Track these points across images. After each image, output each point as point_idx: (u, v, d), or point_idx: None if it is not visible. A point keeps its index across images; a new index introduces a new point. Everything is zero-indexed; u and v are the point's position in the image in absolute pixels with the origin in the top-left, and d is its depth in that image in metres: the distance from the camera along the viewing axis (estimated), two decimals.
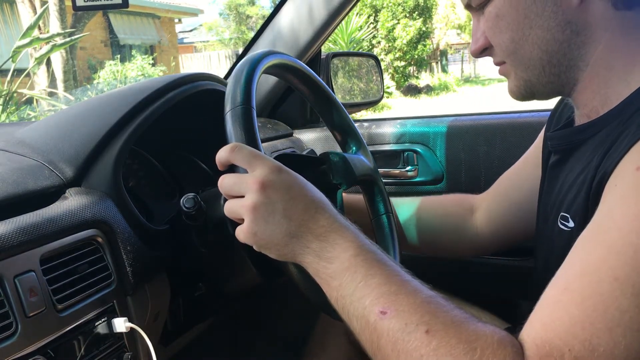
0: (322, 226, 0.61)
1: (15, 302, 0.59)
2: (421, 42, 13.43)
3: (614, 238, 0.50)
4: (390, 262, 0.60)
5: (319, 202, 0.63)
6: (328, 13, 1.31)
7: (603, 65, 0.64)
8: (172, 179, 1.03)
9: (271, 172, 0.61)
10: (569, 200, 0.66)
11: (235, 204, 0.63)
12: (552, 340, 0.49)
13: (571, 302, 0.50)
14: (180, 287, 0.87)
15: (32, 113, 4.52)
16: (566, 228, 0.66)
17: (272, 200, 0.61)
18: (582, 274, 0.51)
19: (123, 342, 0.73)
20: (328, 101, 0.93)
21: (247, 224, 0.61)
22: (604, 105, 0.64)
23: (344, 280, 0.58)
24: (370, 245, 0.61)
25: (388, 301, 0.55)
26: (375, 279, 0.57)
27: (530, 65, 0.66)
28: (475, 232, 0.99)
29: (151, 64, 10.56)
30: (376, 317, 0.55)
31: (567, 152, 0.71)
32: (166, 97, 0.88)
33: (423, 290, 0.56)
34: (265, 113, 1.50)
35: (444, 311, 0.54)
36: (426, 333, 0.52)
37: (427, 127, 1.33)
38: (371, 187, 0.95)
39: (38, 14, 4.74)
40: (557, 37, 0.63)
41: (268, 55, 0.77)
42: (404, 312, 0.54)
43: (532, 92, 0.69)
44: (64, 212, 0.69)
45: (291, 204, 0.61)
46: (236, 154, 0.63)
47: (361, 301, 0.56)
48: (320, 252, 0.60)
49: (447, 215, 1.02)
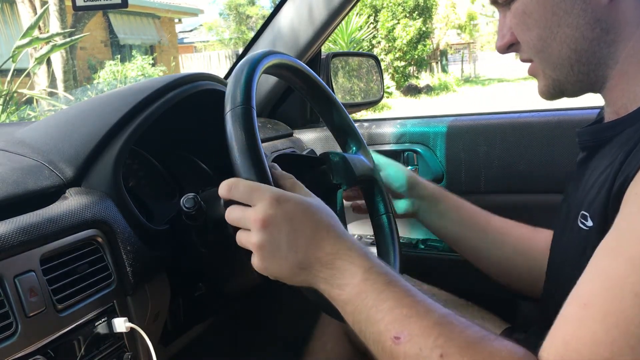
0: (329, 253, 0.61)
1: (15, 302, 0.59)
2: (421, 42, 13.43)
3: (634, 252, 0.49)
4: (401, 282, 0.59)
5: (324, 226, 0.62)
6: (328, 13, 1.31)
7: (633, 62, 0.63)
8: (172, 179, 1.02)
9: (271, 206, 0.61)
10: (590, 198, 0.65)
11: (244, 239, 0.64)
12: (573, 358, 0.48)
13: (593, 319, 0.49)
14: (180, 287, 0.87)
15: (32, 113, 4.52)
16: (585, 227, 0.65)
17: (275, 237, 0.61)
18: (603, 289, 0.50)
19: (123, 342, 0.73)
20: (328, 101, 0.92)
21: (257, 260, 0.62)
22: (632, 103, 0.64)
23: (357, 305, 0.58)
24: (379, 266, 0.60)
25: (401, 326, 0.55)
26: (387, 303, 0.56)
27: (558, 63, 0.65)
28: None
29: (151, 64, 10.55)
30: (391, 343, 0.55)
31: (594, 149, 0.70)
32: (166, 97, 0.88)
33: (436, 309, 0.56)
34: (265, 113, 1.50)
35: (458, 332, 0.53)
36: (441, 357, 0.51)
37: (427, 127, 1.33)
38: (371, 187, 0.94)
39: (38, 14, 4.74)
40: (586, 35, 0.63)
41: (268, 55, 0.77)
42: (417, 337, 0.53)
43: (562, 90, 0.69)
44: (64, 212, 0.69)
45: (295, 236, 0.61)
46: (234, 192, 0.63)
47: (375, 327, 0.56)
48: (331, 280, 0.60)
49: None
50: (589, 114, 1.16)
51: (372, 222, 0.94)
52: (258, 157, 0.65)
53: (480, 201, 1.30)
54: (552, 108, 1.29)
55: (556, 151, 1.18)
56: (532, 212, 1.01)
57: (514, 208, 1.26)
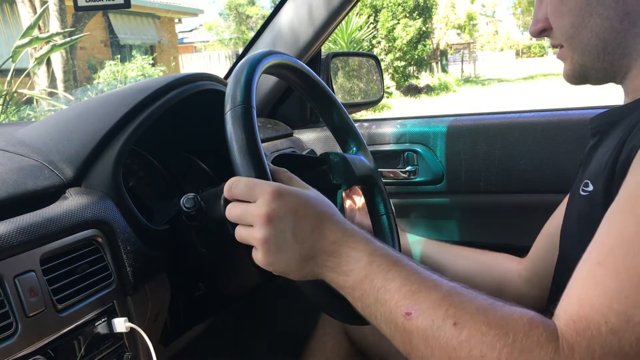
0: (333, 242, 0.61)
1: (15, 302, 0.59)
2: (421, 42, 13.43)
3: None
4: (406, 261, 0.60)
5: (325, 216, 0.63)
6: (328, 13, 1.31)
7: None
8: (172, 179, 1.02)
9: (273, 200, 0.61)
10: (593, 170, 0.68)
11: (246, 235, 0.63)
12: (589, 315, 0.49)
13: (606, 276, 0.50)
14: (180, 287, 0.87)
15: (32, 113, 4.52)
16: (585, 193, 0.68)
17: (280, 230, 0.61)
18: (615, 247, 0.51)
19: (123, 342, 0.73)
20: (328, 101, 0.92)
21: (262, 256, 0.62)
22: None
23: (365, 289, 0.59)
24: (383, 248, 0.61)
25: (411, 302, 0.55)
26: (394, 282, 0.57)
27: (586, 51, 0.68)
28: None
29: (151, 64, 10.55)
30: (403, 319, 0.55)
31: (604, 133, 0.72)
32: (166, 97, 0.88)
33: (443, 283, 0.57)
34: (265, 113, 1.50)
35: (468, 300, 0.54)
36: (454, 325, 0.52)
37: (427, 127, 1.33)
38: (371, 187, 0.94)
39: (38, 14, 4.74)
40: (614, 27, 0.66)
41: (268, 55, 0.77)
42: (428, 309, 0.54)
43: (586, 76, 0.72)
44: (64, 212, 0.69)
45: (299, 228, 0.61)
46: (234, 190, 0.64)
47: (385, 306, 0.57)
48: (337, 268, 0.61)
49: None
50: (589, 114, 1.16)
51: (372, 222, 0.94)
52: (258, 157, 0.65)
53: (480, 201, 1.31)
54: (552, 108, 1.29)
55: (556, 151, 1.18)
56: (532, 212, 1.01)
57: (514, 208, 1.26)
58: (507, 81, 17.17)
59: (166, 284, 0.84)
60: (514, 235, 1.20)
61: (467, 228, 1.34)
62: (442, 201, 1.34)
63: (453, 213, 1.35)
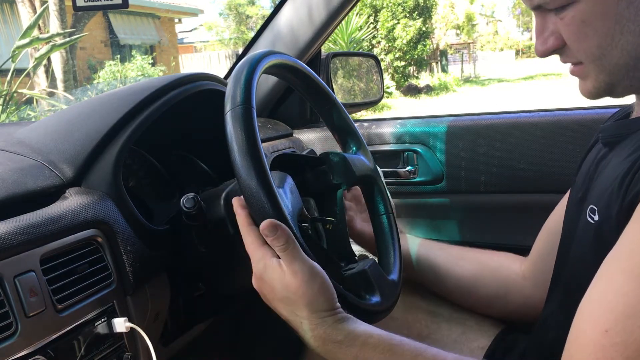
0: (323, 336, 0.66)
1: (15, 302, 0.59)
2: (421, 42, 13.43)
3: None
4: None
5: (321, 307, 0.66)
6: (328, 13, 1.31)
7: None
8: (172, 179, 1.02)
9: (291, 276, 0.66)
10: (599, 192, 0.66)
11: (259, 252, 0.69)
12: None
13: (614, 347, 0.50)
14: (180, 287, 0.87)
15: (32, 113, 4.52)
16: (592, 221, 0.66)
17: (270, 293, 0.69)
18: (624, 316, 0.50)
19: (123, 342, 0.73)
20: (328, 101, 0.92)
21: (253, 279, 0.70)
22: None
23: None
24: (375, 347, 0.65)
25: None
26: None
27: (615, 69, 0.64)
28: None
29: (151, 64, 10.56)
30: None
31: (614, 144, 0.70)
32: (166, 97, 0.88)
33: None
34: (265, 113, 1.50)
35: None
36: None
37: (427, 127, 1.33)
38: (371, 187, 0.94)
39: (38, 14, 4.74)
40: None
41: (268, 55, 0.77)
42: None
43: (609, 93, 0.68)
44: (64, 212, 0.69)
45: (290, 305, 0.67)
46: (269, 234, 0.67)
47: None
48: None
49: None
50: (589, 114, 1.16)
51: (372, 222, 0.94)
52: (258, 158, 0.65)
53: (480, 201, 1.31)
54: (552, 108, 1.29)
55: (556, 151, 1.18)
56: (532, 212, 1.01)
57: (514, 208, 1.26)
58: (507, 81, 17.17)
59: (166, 284, 0.84)
60: (514, 235, 1.21)
61: (467, 228, 1.34)
62: (442, 201, 1.34)
63: (453, 213, 1.35)
